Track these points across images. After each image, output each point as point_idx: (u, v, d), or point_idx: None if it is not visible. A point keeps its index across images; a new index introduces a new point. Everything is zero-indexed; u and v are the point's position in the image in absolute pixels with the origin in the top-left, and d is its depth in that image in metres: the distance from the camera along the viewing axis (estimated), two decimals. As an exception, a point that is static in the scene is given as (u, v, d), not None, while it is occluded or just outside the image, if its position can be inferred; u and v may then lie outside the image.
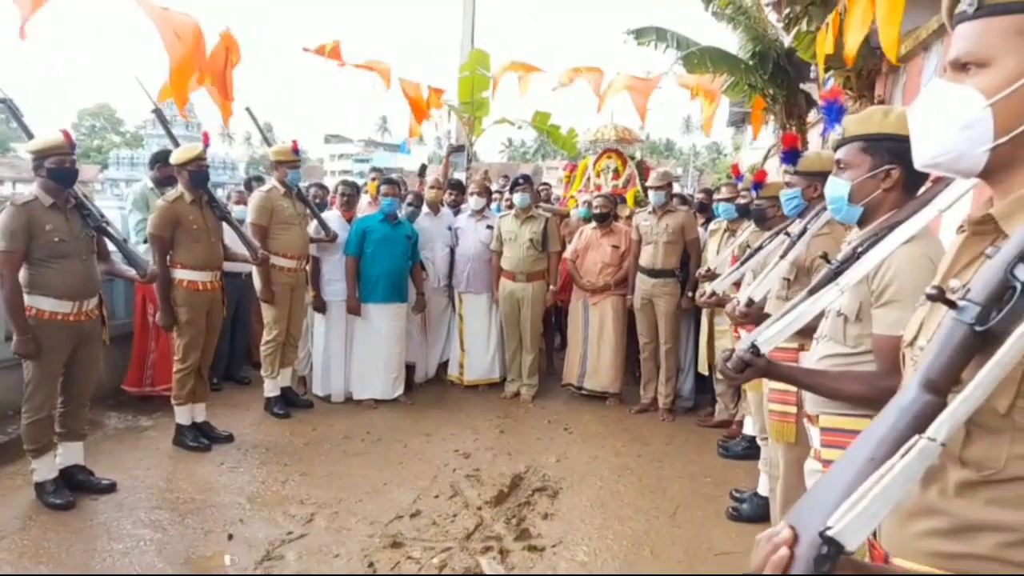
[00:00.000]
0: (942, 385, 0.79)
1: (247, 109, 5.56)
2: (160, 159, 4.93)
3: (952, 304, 0.80)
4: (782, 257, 2.52)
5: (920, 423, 0.76)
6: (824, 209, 2.34)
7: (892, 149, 1.76)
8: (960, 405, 0.74)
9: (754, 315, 2.58)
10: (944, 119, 0.89)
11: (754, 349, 1.61)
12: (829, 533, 0.73)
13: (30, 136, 3.41)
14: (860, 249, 1.67)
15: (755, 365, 1.61)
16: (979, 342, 0.76)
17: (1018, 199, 0.85)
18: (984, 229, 0.90)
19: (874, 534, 0.99)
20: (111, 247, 3.63)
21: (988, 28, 0.85)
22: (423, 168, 8.16)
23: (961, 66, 0.88)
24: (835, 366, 1.88)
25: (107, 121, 70.08)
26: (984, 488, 0.83)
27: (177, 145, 4.24)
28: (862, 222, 1.90)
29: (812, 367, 1.93)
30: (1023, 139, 0.84)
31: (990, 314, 0.75)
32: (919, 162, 0.95)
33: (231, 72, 5.88)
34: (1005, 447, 0.81)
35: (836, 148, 1.99)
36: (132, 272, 3.63)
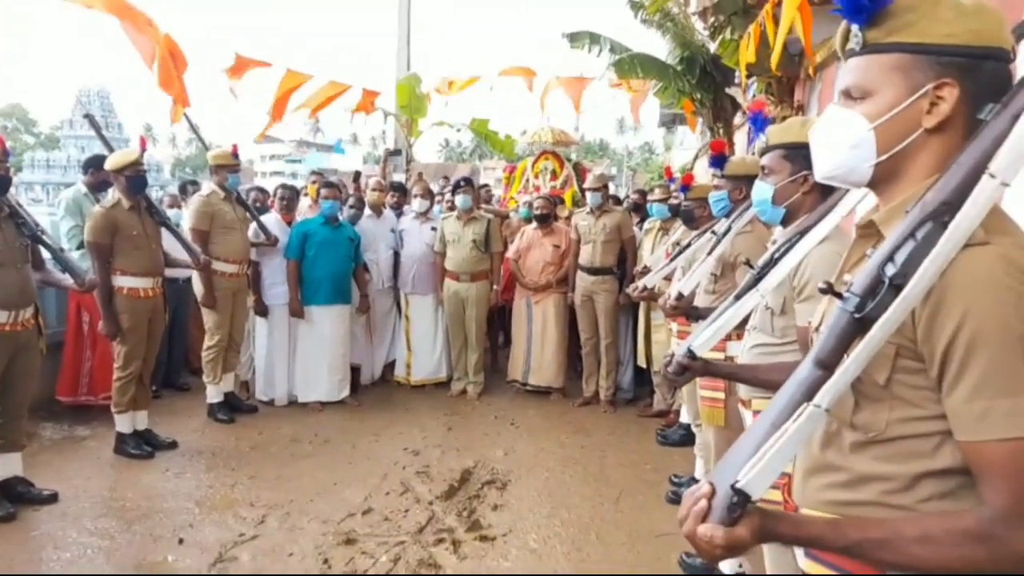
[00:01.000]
0: (829, 362, 0.95)
1: (185, 114, 5.49)
2: (94, 163, 4.82)
3: (839, 296, 0.97)
4: (709, 254, 2.72)
5: (811, 393, 0.92)
6: (747, 209, 2.55)
7: (809, 156, 1.97)
8: (839, 377, 0.91)
9: (683, 307, 2.78)
10: (836, 139, 1.06)
11: (690, 354, 1.78)
12: (738, 485, 0.89)
13: (111, 150, 3.43)
14: (777, 255, 1.85)
15: (693, 368, 1.79)
16: (858, 327, 0.92)
17: (895, 207, 1.02)
18: (869, 232, 1.07)
19: (789, 491, 1.16)
20: (46, 255, 3.56)
21: (871, 64, 1.01)
22: (357, 174, 8.20)
23: (850, 95, 1.04)
24: (764, 354, 2.09)
25: (20, 122, 66.44)
26: (871, 447, 1.00)
27: (111, 149, 4.16)
28: (785, 222, 2.12)
29: (744, 363, 2.13)
30: (901, 157, 1.01)
31: (866, 304, 0.92)
32: (818, 175, 1.12)
33: (182, 77, 5.82)
34: (885, 413, 0.98)
35: (761, 155, 2.20)
36: (70, 281, 3.56)
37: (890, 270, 0.91)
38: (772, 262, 1.86)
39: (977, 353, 0.87)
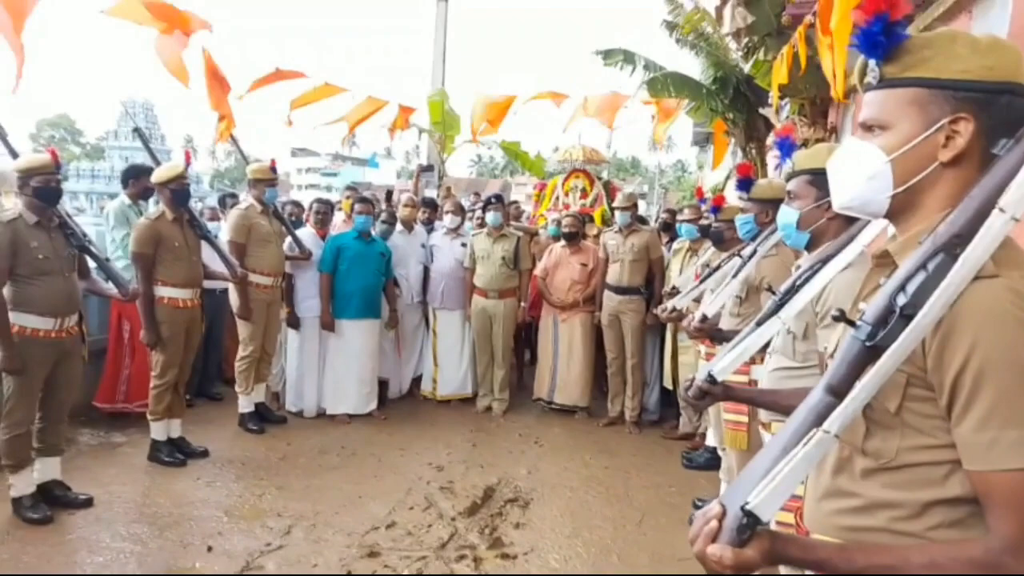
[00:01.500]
0: (840, 389, 0.96)
1: (232, 135, 5.68)
2: (132, 175, 4.99)
3: (852, 324, 0.98)
4: (734, 276, 2.72)
5: (821, 419, 0.94)
6: (772, 233, 2.56)
7: None
8: (849, 403, 0.92)
9: (707, 329, 2.78)
10: (854, 171, 1.08)
11: (711, 379, 1.79)
12: (747, 507, 0.90)
13: (157, 163, 3.54)
14: (799, 281, 1.86)
15: (713, 393, 1.80)
16: (869, 355, 0.94)
17: (909, 238, 1.04)
18: (884, 262, 1.09)
19: (801, 516, 1.17)
20: (92, 265, 3.69)
21: (888, 98, 1.04)
22: (389, 193, 8.31)
23: (867, 128, 1.07)
24: (784, 378, 2.09)
25: (67, 132, 68.63)
26: (881, 473, 1.02)
27: (158, 163, 4.31)
28: (810, 247, 2.13)
29: (765, 388, 2.13)
30: (917, 189, 1.03)
31: (877, 332, 0.94)
32: (836, 205, 1.14)
33: (226, 97, 6.04)
34: (896, 440, 1.00)
35: (788, 180, 2.22)
36: (114, 291, 3.69)
37: (901, 300, 0.92)
38: (794, 288, 1.87)
39: (985, 384, 0.89)
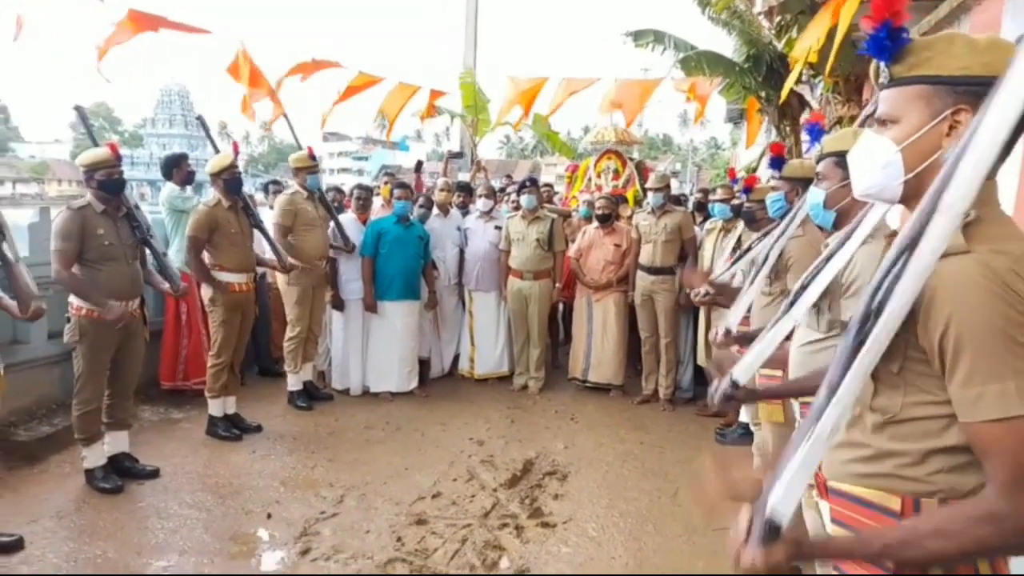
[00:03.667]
0: (837, 387, 1.09)
1: (285, 115, 5.97)
2: (173, 163, 5.19)
3: None
4: (761, 266, 2.78)
5: (819, 418, 1.08)
6: (799, 211, 2.65)
7: None
8: (836, 404, 1.07)
9: (730, 342, 2.77)
10: (870, 161, 1.22)
11: (734, 384, 1.85)
12: (767, 516, 1.06)
13: (217, 150, 4.21)
14: (821, 265, 1.93)
15: (736, 397, 1.89)
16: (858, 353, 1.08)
17: None
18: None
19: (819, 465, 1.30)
20: (150, 258, 3.92)
21: (897, 95, 1.17)
22: (419, 164, 8.44)
23: (882, 122, 1.20)
24: (811, 352, 2.19)
25: (105, 120, 70.21)
26: (888, 427, 1.16)
27: (217, 150, 4.56)
28: (836, 225, 2.23)
29: (790, 380, 2.21)
30: (926, 174, 1.14)
31: (863, 331, 1.07)
32: (857, 192, 1.27)
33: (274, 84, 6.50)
34: (900, 397, 1.14)
35: (817, 162, 2.32)
36: (166, 285, 3.92)
37: (876, 299, 1.05)
38: (816, 272, 1.94)
39: (965, 347, 1.02)
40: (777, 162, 3.23)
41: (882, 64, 1.18)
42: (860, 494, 1.20)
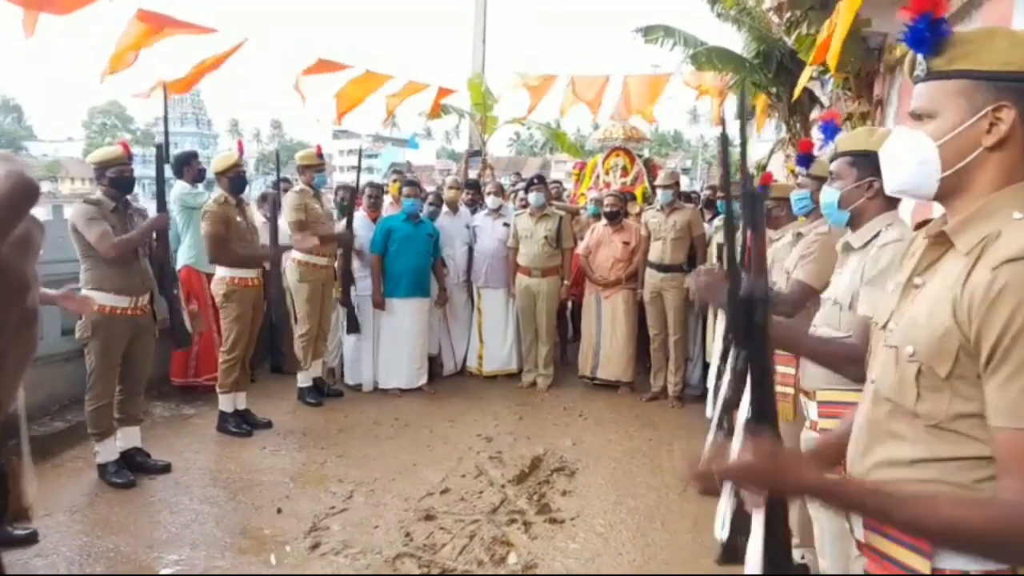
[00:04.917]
0: None
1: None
2: (184, 161, 5.23)
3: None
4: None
5: None
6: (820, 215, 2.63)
7: (875, 163, 2.04)
8: None
9: None
10: (905, 156, 1.18)
11: None
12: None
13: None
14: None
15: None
16: None
17: (964, 219, 1.12)
18: (940, 241, 1.17)
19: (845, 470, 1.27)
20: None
21: (935, 89, 1.13)
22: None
23: (917, 116, 1.16)
24: None
25: (118, 119, 70.63)
26: (933, 432, 1.09)
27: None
28: (851, 225, 2.21)
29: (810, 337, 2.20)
30: (964, 172, 1.12)
31: None
32: (890, 189, 1.24)
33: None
34: (946, 403, 1.07)
35: (831, 161, 2.30)
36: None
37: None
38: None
39: (1017, 346, 0.95)
40: (805, 159, 3.17)
41: (919, 56, 1.14)
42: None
